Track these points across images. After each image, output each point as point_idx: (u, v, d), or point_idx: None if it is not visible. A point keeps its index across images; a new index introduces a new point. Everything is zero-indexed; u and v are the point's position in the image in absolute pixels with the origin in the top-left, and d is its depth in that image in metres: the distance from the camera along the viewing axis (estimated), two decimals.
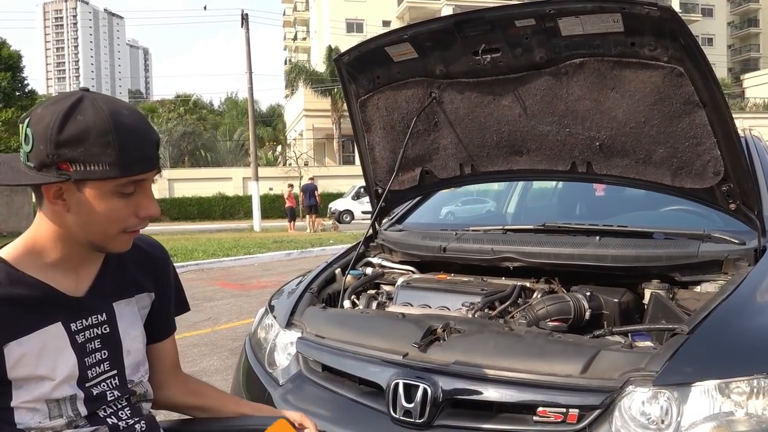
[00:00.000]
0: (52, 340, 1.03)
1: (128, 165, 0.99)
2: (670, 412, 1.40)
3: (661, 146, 1.88)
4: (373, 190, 2.57)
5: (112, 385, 1.12)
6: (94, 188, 0.99)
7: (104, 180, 0.98)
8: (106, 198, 1.00)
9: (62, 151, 0.96)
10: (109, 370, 1.12)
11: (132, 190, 1.03)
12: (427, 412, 1.57)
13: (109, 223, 1.03)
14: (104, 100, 1.00)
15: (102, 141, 0.96)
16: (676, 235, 2.11)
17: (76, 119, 0.96)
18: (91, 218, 1.01)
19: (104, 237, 1.05)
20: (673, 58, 1.69)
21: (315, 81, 34.31)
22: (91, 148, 0.96)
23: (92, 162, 0.97)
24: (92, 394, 1.08)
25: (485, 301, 2.02)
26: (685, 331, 1.53)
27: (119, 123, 0.98)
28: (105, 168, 0.97)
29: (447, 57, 2.01)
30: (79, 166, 0.97)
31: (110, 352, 1.12)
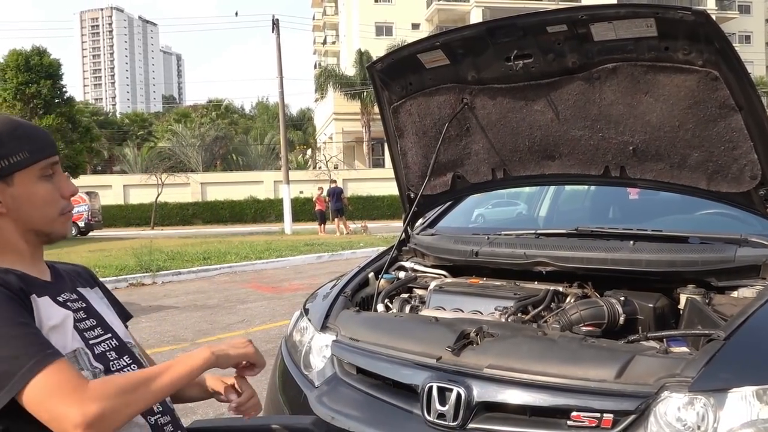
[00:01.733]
0: (46, 306, 1.14)
1: (42, 149, 1.17)
2: (707, 418, 1.40)
3: (696, 150, 1.87)
4: (406, 194, 2.60)
5: (111, 346, 1.22)
6: (23, 178, 1.14)
7: (29, 166, 1.14)
8: (35, 183, 1.16)
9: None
10: (103, 333, 1.22)
11: (51, 171, 1.18)
12: (461, 416, 1.59)
13: (47, 205, 1.17)
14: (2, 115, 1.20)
15: (13, 136, 1.14)
16: (713, 240, 2.09)
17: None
18: (30, 206, 1.15)
19: (46, 221, 1.18)
20: (708, 62, 1.68)
21: (344, 84, 34.53)
22: (7, 144, 1.12)
23: (13, 154, 1.13)
24: (95, 352, 1.17)
25: (518, 305, 2.03)
26: (721, 336, 1.52)
27: (19, 122, 1.18)
28: (25, 155, 1.14)
29: (479, 63, 2.03)
30: (3, 162, 1.12)
31: (97, 321, 1.23)
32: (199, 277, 10.09)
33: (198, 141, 42.45)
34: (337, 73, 36.42)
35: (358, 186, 32.27)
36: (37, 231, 1.19)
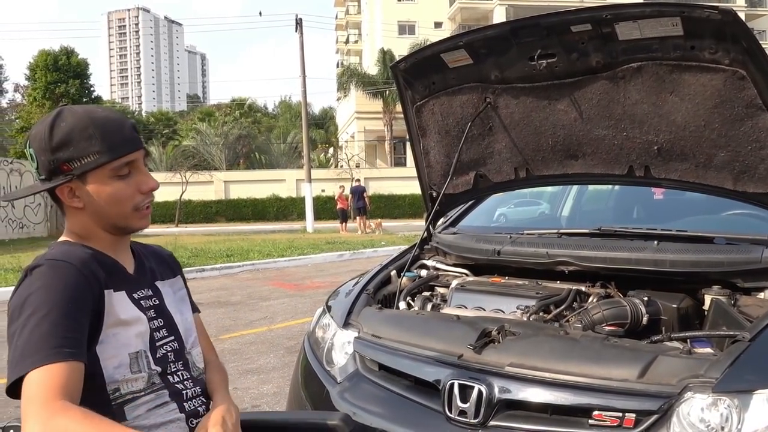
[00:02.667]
0: (121, 302, 1.17)
1: (116, 148, 1.15)
2: (731, 419, 1.39)
3: (722, 150, 1.85)
4: (428, 193, 2.62)
5: (172, 348, 1.24)
6: (95, 177, 1.15)
7: (99, 167, 1.14)
8: (107, 182, 1.16)
9: (58, 154, 1.13)
10: (167, 335, 1.24)
11: (127, 171, 1.18)
12: (482, 413, 1.60)
13: (119, 203, 1.18)
14: (80, 107, 1.19)
15: (85, 135, 1.13)
16: (739, 240, 2.06)
17: (60, 126, 1.14)
18: (105, 203, 1.17)
19: (121, 217, 1.19)
20: (735, 61, 1.67)
21: (367, 83, 34.56)
22: (78, 144, 1.13)
23: (84, 156, 1.13)
24: (157, 355, 1.19)
25: (540, 304, 2.03)
26: (746, 338, 1.51)
27: (94, 118, 1.16)
28: (96, 157, 1.14)
29: (502, 63, 2.04)
30: (76, 163, 1.13)
31: (165, 321, 1.25)
32: (223, 274, 10.21)
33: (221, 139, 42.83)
34: (360, 72, 36.48)
35: (380, 185, 32.26)
36: (114, 225, 1.21)
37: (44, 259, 1.11)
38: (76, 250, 1.16)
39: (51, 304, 1.05)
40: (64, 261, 1.10)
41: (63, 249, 1.16)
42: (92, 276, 1.12)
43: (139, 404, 1.14)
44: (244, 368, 4.62)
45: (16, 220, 18.52)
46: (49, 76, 24.52)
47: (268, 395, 4.00)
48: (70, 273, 1.09)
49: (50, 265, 1.09)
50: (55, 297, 1.05)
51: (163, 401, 1.18)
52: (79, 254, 1.14)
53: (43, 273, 1.08)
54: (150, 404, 1.16)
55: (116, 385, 1.12)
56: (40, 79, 24.68)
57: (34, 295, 1.05)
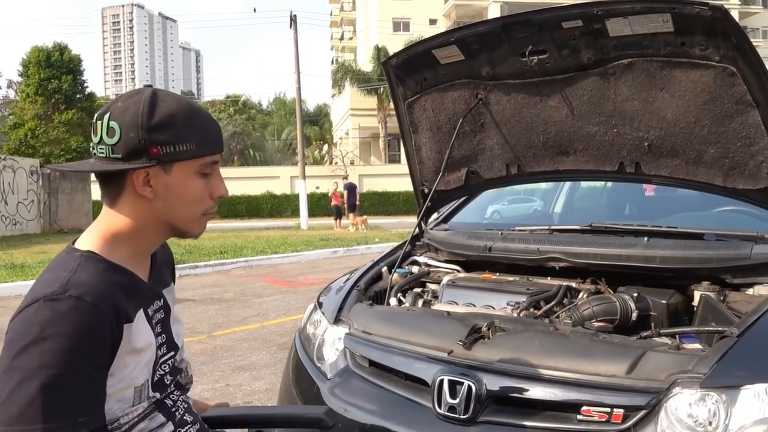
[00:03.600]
0: (140, 327, 1.08)
1: (210, 144, 1.09)
2: (718, 414, 1.39)
3: (712, 146, 1.86)
4: (420, 189, 2.61)
5: (169, 367, 1.17)
6: (181, 169, 1.06)
7: (191, 159, 1.06)
8: (190, 178, 1.07)
9: (154, 135, 1.02)
10: (167, 352, 1.17)
11: (209, 171, 1.10)
12: (471, 409, 1.60)
13: (194, 202, 1.09)
14: (174, 93, 1.11)
15: (188, 122, 1.06)
16: (728, 237, 2.07)
17: (160, 106, 1.04)
18: (179, 199, 1.07)
19: (188, 219, 1.11)
20: (725, 58, 1.67)
21: (361, 80, 34.54)
22: (179, 129, 1.04)
23: (181, 142, 1.04)
24: (156, 378, 1.12)
25: (530, 300, 2.03)
26: (734, 333, 1.52)
27: (196, 108, 1.10)
28: (192, 147, 1.06)
29: (493, 59, 2.04)
30: (168, 148, 1.03)
31: (167, 336, 1.18)
32: (216, 271, 10.19)
33: None
34: (354, 68, 36.45)
35: (374, 181, 32.28)
36: (174, 226, 1.11)
37: (66, 292, 0.96)
38: (101, 277, 1.02)
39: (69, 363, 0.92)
40: (91, 303, 0.96)
41: (88, 276, 1.00)
42: (114, 315, 1.00)
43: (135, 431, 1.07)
44: (237, 365, 4.61)
45: (9, 216, 18.41)
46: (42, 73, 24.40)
47: (260, 392, 3.99)
48: (94, 322, 0.96)
49: (73, 307, 0.94)
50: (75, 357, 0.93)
51: (159, 423, 1.12)
52: (103, 285, 1.01)
53: (64, 317, 0.93)
54: (144, 429, 1.09)
55: (116, 419, 1.04)
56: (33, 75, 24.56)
57: (50, 345, 0.91)
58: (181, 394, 1.21)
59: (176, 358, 1.20)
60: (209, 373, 4.40)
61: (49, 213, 20.34)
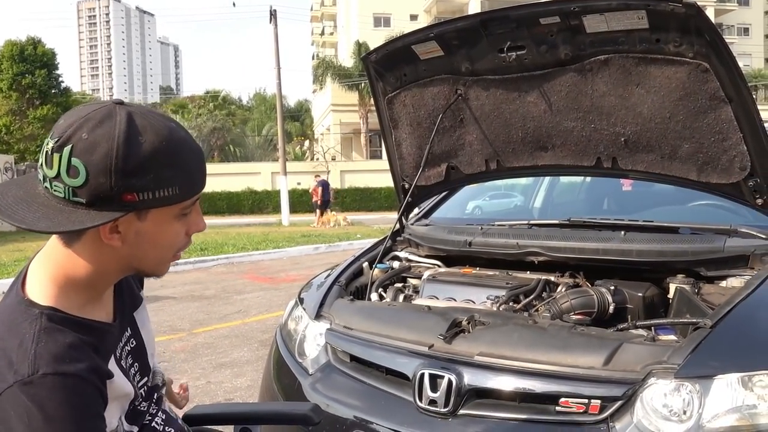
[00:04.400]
0: (117, 375, 0.99)
1: (194, 184, 0.94)
2: (692, 404, 1.42)
3: (686, 142, 1.89)
4: (400, 185, 2.62)
5: (143, 393, 1.10)
6: (158, 214, 0.91)
7: (172, 205, 0.91)
8: (168, 222, 0.94)
9: (131, 181, 0.85)
10: (141, 379, 1.10)
11: (189, 210, 0.96)
12: (452, 402, 1.62)
13: (169, 248, 0.97)
14: (152, 116, 0.91)
15: (171, 162, 0.89)
16: (703, 230, 2.11)
17: (139, 143, 0.86)
18: (151, 246, 0.94)
19: (157, 263, 0.99)
20: (699, 54, 1.70)
21: (342, 76, 34.42)
22: (160, 172, 0.87)
23: (162, 188, 0.88)
24: (129, 411, 1.06)
25: (510, 294, 2.05)
26: (707, 324, 1.55)
27: (179, 142, 0.91)
28: (175, 192, 0.90)
29: (473, 54, 2.05)
30: (147, 195, 0.87)
31: (140, 363, 1.10)
32: (197, 268, 10.11)
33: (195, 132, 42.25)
34: (335, 64, 36.31)
35: (356, 177, 32.23)
36: (139, 270, 0.99)
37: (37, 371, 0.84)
38: (69, 340, 0.89)
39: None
40: (72, 375, 0.85)
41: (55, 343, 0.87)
42: (97, 377, 0.91)
43: None
44: (218, 362, 4.59)
45: None
46: (15, 68, 23.98)
47: (242, 389, 3.98)
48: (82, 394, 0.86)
49: (53, 389, 0.83)
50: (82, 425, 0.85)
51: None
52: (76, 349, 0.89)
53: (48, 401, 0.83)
54: None
55: None
56: (7, 70, 24.13)
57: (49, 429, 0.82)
58: (158, 409, 1.16)
59: (149, 380, 1.13)
60: (190, 371, 4.37)
61: None
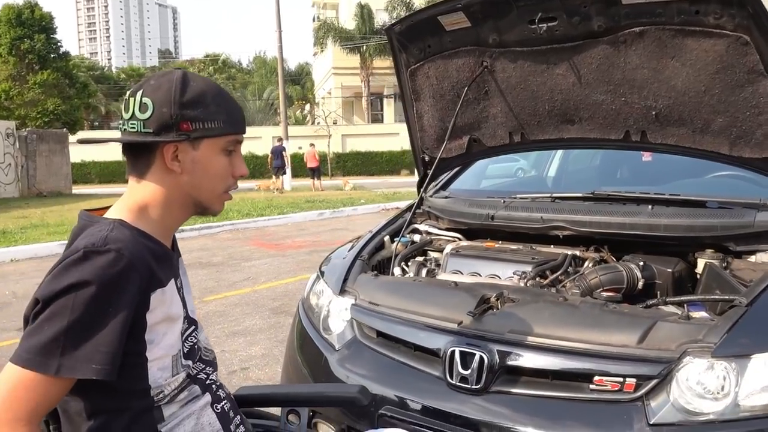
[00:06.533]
0: (172, 295, 1.14)
1: (236, 123, 1.15)
2: (729, 382, 1.43)
3: (720, 116, 1.85)
4: (420, 157, 2.59)
5: (194, 340, 1.21)
6: (209, 145, 1.12)
7: (219, 137, 1.12)
8: (216, 154, 1.13)
9: (185, 111, 1.08)
10: (189, 326, 1.20)
11: (233, 149, 1.16)
12: (484, 379, 1.62)
13: (218, 178, 1.15)
14: (201, 76, 1.17)
15: (216, 101, 1.12)
16: (731, 204, 2.09)
17: (192, 85, 1.10)
18: (204, 175, 1.13)
19: (211, 195, 1.16)
20: (740, 27, 1.65)
21: (344, 39, 33.86)
22: (208, 107, 1.10)
23: (210, 120, 1.10)
24: (185, 349, 1.17)
25: (537, 270, 2.04)
26: (743, 302, 1.55)
27: (224, 90, 1.16)
28: (220, 125, 1.11)
29: (501, 26, 1.99)
30: (198, 125, 1.09)
31: (186, 308, 1.21)
32: (202, 235, 10.13)
33: None
34: (337, 26, 35.67)
35: (358, 141, 32.05)
36: (197, 201, 1.16)
37: (106, 245, 1.01)
38: (134, 239, 1.06)
39: (96, 311, 0.98)
40: (128, 259, 1.01)
41: (125, 236, 1.05)
42: (147, 275, 1.05)
43: (175, 402, 1.13)
44: (231, 330, 4.63)
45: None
46: (13, 32, 23.58)
47: (257, 357, 4.02)
48: (126, 277, 1.01)
49: (114, 259, 1.00)
50: (105, 304, 0.99)
51: (195, 395, 1.17)
52: (139, 247, 1.06)
53: (103, 268, 0.99)
54: (184, 401, 1.15)
55: (160, 388, 1.10)
56: (5, 34, 23.72)
57: (86, 292, 0.97)
58: (213, 371, 1.25)
59: (197, 334, 1.23)
60: None
61: (27, 176, 19.95)
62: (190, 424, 1.14)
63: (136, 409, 1.08)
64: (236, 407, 1.27)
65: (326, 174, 22.09)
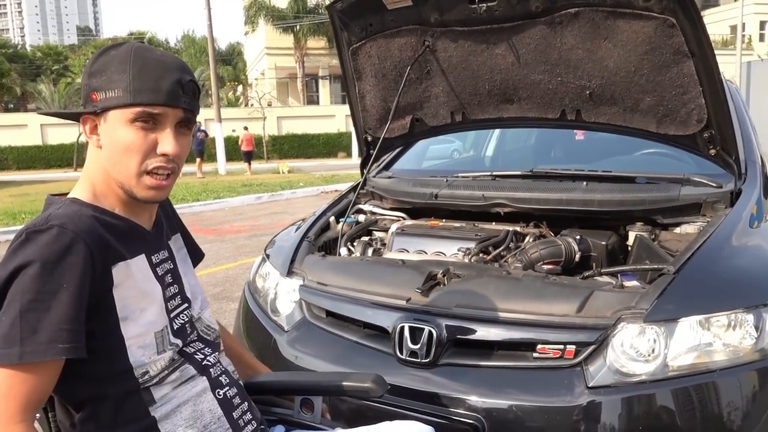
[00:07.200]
0: (141, 270, 1.10)
1: (138, 92, 1.02)
2: (659, 345, 1.53)
3: (648, 95, 1.95)
4: (363, 137, 2.60)
5: (187, 317, 1.18)
6: (115, 117, 1.04)
7: (120, 108, 1.03)
8: (123, 126, 1.03)
9: (91, 80, 1.05)
10: (181, 303, 1.18)
11: (149, 123, 1.04)
12: (433, 353, 1.67)
13: (128, 155, 1.04)
14: (150, 47, 1.09)
15: (119, 69, 1.03)
16: (658, 179, 2.22)
17: (107, 54, 1.06)
18: (113, 150, 1.05)
19: (126, 175, 1.06)
20: (666, 9, 1.74)
21: (276, 18, 33.14)
22: (110, 75, 1.03)
23: (109, 89, 1.03)
24: (175, 326, 1.14)
25: (480, 246, 2.11)
26: (671, 271, 1.66)
27: (141, 56, 1.04)
28: (118, 93, 1.03)
29: (442, 5, 2.01)
30: (102, 95, 1.03)
31: (179, 286, 1.18)
32: None
33: None
34: (268, 5, 34.83)
35: (294, 124, 31.60)
36: (118, 182, 1.08)
37: (48, 223, 0.98)
38: (84, 213, 1.03)
39: (44, 290, 0.94)
40: (72, 231, 0.98)
41: (71, 211, 1.02)
42: (97, 247, 1.00)
43: (165, 383, 1.09)
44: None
45: None
46: None
47: None
48: (77, 249, 0.97)
49: (56, 235, 0.96)
50: (52, 281, 0.95)
51: (189, 376, 1.13)
52: (87, 221, 1.02)
53: (46, 245, 0.95)
54: (176, 382, 1.10)
55: (144, 368, 1.06)
56: None
57: (29, 273, 0.94)
58: (212, 352, 1.21)
59: (193, 312, 1.20)
60: None
61: None
62: (187, 410, 1.10)
63: (121, 391, 1.04)
64: (244, 394, 1.23)
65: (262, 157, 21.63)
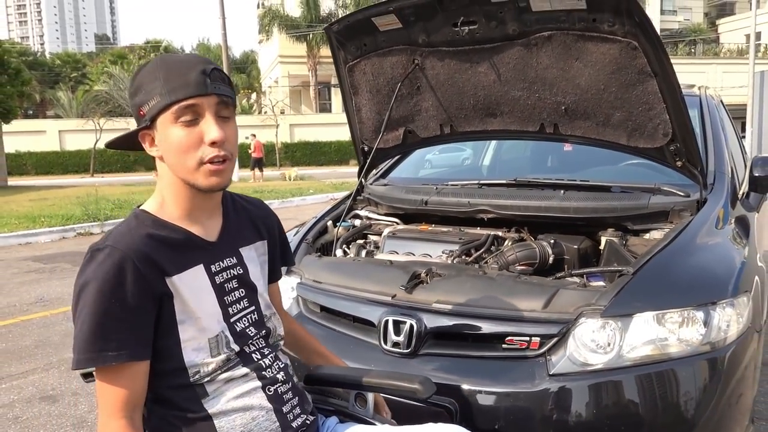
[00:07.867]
0: (196, 281, 1.18)
1: (171, 91, 1.10)
2: (615, 338, 1.69)
3: (618, 110, 2.12)
4: (360, 147, 2.79)
5: (251, 320, 1.25)
6: (162, 123, 1.12)
7: (163, 111, 1.11)
8: (170, 128, 1.11)
9: (134, 99, 1.14)
10: (247, 306, 1.25)
11: (191, 117, 1.11)
12: (413, 344, 1.84)
13: (182, 152, 1.12)
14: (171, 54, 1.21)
15: (151, 78, 1.12)
16: (631, 189, 2.38)
17: (139, 73, 1.15)
18: (171, 152, 1.13)
19: (187, 170, 1.13)
20: (629, 33, 1.91)
21: (290, 26, 33.56)
22: (146, 87, 1.12)
23: (149, 99, 1.11)
24: (236, 329, 1.22)
25: (462, 248, 2.28)
26: (630, 272, 1.82)
27: (165, 61, 1.14)
28: (157, 99, 1.11)
29: (429, 27, 2.20)
30: (146, 107, 1.12)
31: (246, 291, 1.26)
32: None
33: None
34: (282, 13, 35.29)
35: (306, 131, 31.94)
36: (184, 180, 1.16)
37: (105, 242, 1.11)
38: (139, 230, 1.14)
39: (100, 305, 1.06)
40: (121, 251, 1.09)
41: (127, 228, 1.14)
42: (145, 263, 1.10)
43: (219, 380, 1.18)
44: None
45: None
46: None
47: None
48: (119, 267, 1.08)
49: (108, 254, 1.09)
50: (105, 297, 1.07)
51: (243, 374, 1.21)
52: (139, 239, 1.12)
53: (99, 264, 1.08)
54: (228, 379, 1.19)
55: (197, 368, 1.16)
56: None
57: (89, 290, 1.07)
58: (271, 351, 1.29)
59: (260, 314, 1.28)
60: None
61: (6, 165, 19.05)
62: (238, 404, 1.19)
63: (175, 384, 1.15)
64: (296, 388, 1.31)
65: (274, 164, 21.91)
